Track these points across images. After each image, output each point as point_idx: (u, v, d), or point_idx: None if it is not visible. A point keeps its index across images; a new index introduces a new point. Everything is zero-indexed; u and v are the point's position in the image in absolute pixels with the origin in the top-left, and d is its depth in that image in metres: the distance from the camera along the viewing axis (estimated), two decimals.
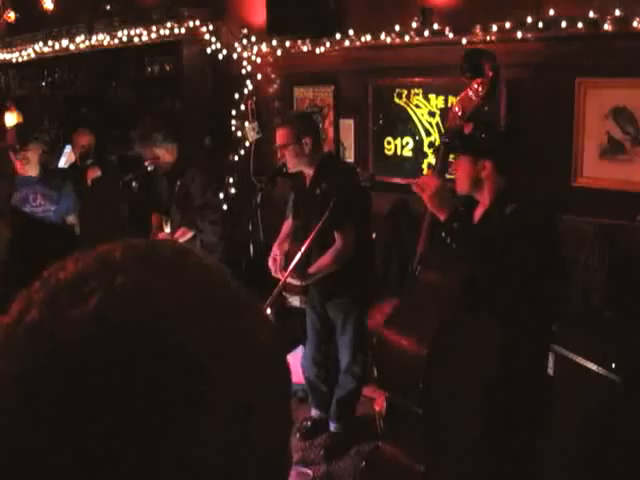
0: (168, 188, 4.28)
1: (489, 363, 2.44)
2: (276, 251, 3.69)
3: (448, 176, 2.77)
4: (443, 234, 2.50)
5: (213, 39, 5.39)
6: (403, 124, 4.64)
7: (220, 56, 5.41)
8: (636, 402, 2.88)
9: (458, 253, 2.48)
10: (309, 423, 3.93)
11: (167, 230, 4.31)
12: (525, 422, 2.60)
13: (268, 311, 3.68)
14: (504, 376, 2.45)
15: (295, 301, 3.69)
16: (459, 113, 2.63)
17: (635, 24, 3.37)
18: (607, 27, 3.46)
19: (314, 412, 3.97)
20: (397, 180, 4.72)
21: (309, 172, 3.60)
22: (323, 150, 3.82)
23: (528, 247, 2.45)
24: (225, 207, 5.14)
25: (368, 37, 4.45)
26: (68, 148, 5.93)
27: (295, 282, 3.45)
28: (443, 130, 2.84)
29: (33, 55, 6.99)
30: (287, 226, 3.88)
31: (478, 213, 2.69)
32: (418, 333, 2.47)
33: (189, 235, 4.16)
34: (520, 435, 2.60)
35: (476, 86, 2.58)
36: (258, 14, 5.11)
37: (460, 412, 2.47)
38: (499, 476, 2.62)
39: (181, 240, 4.10)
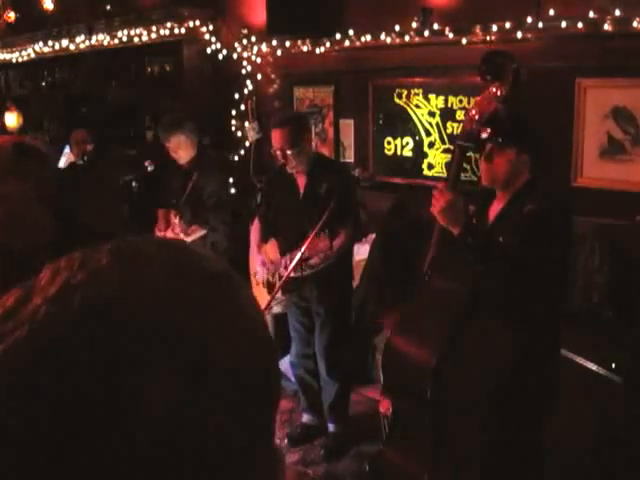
0: (181, 182, 4.23)
1: (503, 369, 2.37)
2: (260, 258, 3.68)
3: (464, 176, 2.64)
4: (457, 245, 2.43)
5: (213, 39, 5.39)
6: (403, 124, 4.64)
7: (220, 56, 5.41)
8: (636, 402, 2.88)
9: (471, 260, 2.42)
10: (299, 430, 3.90)
11: (176, 222, 4.22)
12: (533, 428, 2.57)
13: (267, 317, 3.68)
14: (519, 382, 2.41)
15: (278, 308, 3.66)
16: (476, 116, 2.51)
17: (635, 24, 3.37)
18: (607, 27, 3.46)
19: (305, 417, 3.94)
20: (397, 180, 4.72)
21: (305, 172, 3.57)
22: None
23: (544, 248, 2.38)
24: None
25: (368, 37, 4.45)
26: (68, 148, 5.93)
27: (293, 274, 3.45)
28: (459, 132, 2.74)
29: (33, 55, 7.00)
30: (257, 229, 3.81)
31: (494, 210, 2.60)
32: (428, 341, 2.42)
33: (201, 233, 4.12)
34: (528, 441, 2.57)
35: (495, 89, 2.48)
36: (258, 14, 5.11)
37: (468, 421, 2.43)
38: None
39: (192, 237, 4.08)
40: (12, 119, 7.25)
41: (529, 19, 3.70)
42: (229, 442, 0.46)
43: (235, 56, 5.36)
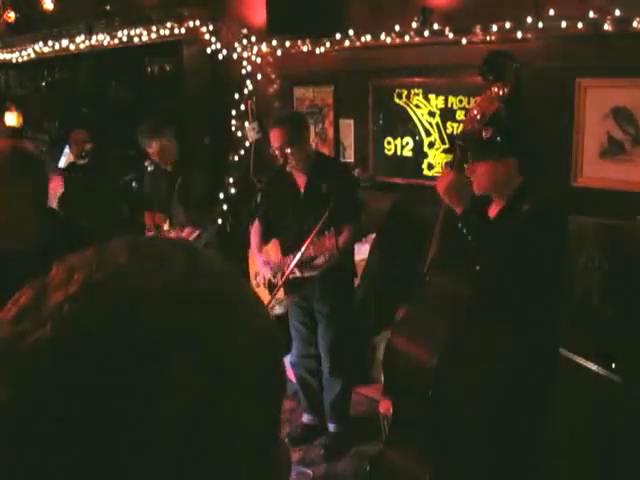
0: (168, 186, 4.26)
1: (503, 369, 2.38)
2: (261, 258, 3.69)
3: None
4: (460, 225, 2.46)
5: (213, 39, 5.38)
6: (403, 124, 4.64)
7: (220, 56, 5.41)
8: (636, 402, 2.88)
9: (471, 254, 2.43)
10: (299, 430, 3.90)
11: (166, 227, 4.27)
12: (533, 428, 2.57)
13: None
14: (519, 382, 2.41)
15: (279, 308, 3.67)
16: (478, 116, 2.53)
17: (635, 24, 3.37)
18: (607, 27, 3.46)
19: (306, 417, 3.94)
20: (397, 180, 4.72)
21: (305, 171, 3.57)
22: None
23: (544, 246, 2.40)
24: (225, 207, 5.15)
25: (368, 37, 4.44)
26: (68, 148, 5.93)
27: (296, 274, 3.46)
28: (459, 132, 2.75)
29: (33, 55, 6.99)
30: (257, 230, 3.82)
31: (492, 211, 2.62)
32: (428, 341, 2.43)
33: (194, 235, 4.14)
34: (528, 441, 2.57)
35: (496, 89, 2.50)
36: (258, 14, 5.11)
37: (468, 421, 2.43)
38: None
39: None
40: (12, 119, 7.25)
41: (529, 19, 3.70)
42: (237, 434, 0.47)
43: (235, 56, 5.36)
